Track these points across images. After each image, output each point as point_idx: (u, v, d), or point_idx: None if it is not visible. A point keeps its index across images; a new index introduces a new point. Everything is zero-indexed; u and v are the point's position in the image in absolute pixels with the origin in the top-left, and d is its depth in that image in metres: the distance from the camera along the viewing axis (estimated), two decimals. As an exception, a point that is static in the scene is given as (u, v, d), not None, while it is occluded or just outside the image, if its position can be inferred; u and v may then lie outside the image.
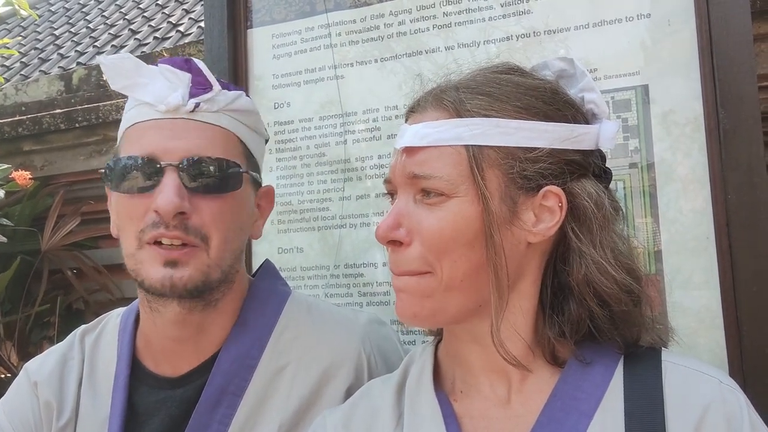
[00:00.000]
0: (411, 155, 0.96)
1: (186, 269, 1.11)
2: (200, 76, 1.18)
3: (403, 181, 0.97)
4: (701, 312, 1.36)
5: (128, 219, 1.13)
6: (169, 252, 1.11)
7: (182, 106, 1.14)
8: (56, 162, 3.73)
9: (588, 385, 0.95)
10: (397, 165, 0.98)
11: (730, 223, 1.34)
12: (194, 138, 1.14)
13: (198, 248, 1.13)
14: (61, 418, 1.23)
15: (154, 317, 1.20)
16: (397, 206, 0.96)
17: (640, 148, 1.43)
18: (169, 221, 1.09)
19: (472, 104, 0.95)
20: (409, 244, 0.94)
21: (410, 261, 0.94)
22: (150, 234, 1.10)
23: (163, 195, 1.08)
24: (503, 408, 0.98)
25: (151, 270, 1.11)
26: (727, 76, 1.35)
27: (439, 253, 0.92)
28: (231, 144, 1.20)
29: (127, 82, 1.17)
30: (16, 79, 6.87)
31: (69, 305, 3.66)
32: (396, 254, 0.96)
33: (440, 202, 0.93)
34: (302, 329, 1.25)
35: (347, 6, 1.74)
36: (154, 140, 1.13)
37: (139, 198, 1.12)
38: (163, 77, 1.17)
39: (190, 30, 6.53)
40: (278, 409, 1.18)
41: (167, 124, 1.14)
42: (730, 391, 0.93)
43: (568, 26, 1.51)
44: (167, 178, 1.10)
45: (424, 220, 0.93)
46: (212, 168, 1.14)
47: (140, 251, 1.12)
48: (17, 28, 8.89)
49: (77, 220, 3.50)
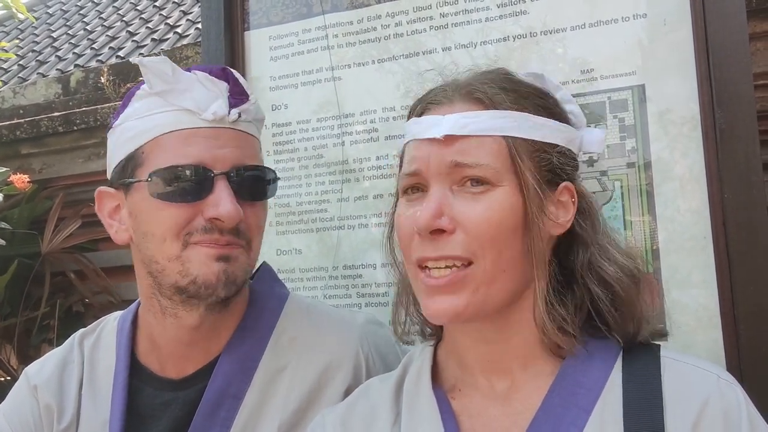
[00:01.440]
0: (449, 145, 0.96)
1: (236, 264, 1.16)
2: (238, 86, 1.21)
3: (440, 170, 0.96)
4: (699, 311, 1.37)
5: (172, 224, 1.14)
6: (222, 248, 1.14)
7: (226, 116, 1.17)
8: (54, 165, 3.73)
9: (587, 380, 0.96)
10: (431, 155, 0.97)
11: (727, 222, 1.34)
12: (238, 147, 1.18)
13: (243, 248, 1.17)
14: (62, 421, 1.24)
15: (167, 323, 1.20)
16: (435, 195, 0.95)
17: (637, 148, 1.43)
18: (226, 228, 1.13)
19: (504, 98, 0.99)
20: (452, 232, 0.94)
21: (454, 247, 0.94)
22: (201, 237, 1.13)
23: (224, 205, 1.12)
24: (502, 405, 0.99)
25: (203, 267, 1.13)
26: (723, 75, 1.36)
27: (485, 241, 0.93)
28: (259, 151, 1.26)
29: (166, 86, 1.17)
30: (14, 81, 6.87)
31: (68, 308, 3.66)
32: (436, 242, 0.94)
33: (485, 191, 0.95)
34: (301, 331, 1.26)
35: (344, 8, 1.75)
36: (202, 149, 1.15)
37: (188, 206, 1.14)
38: (200, 85, 1.18)
39: (188, 32, 6.54)
40: (278, 410, 1.19)
41: (213, 133, 1.16)
42: (728, 386, 0.93)
43: (565, 26, 1.51)
44: (220, 187, 1.13)
45: (470, 209, 0.94)
46: (256, 176, 1.20)
47: (186, 251, 1.14)
48: (15, 30, 8.89)
49: (78, 222, 3.49)
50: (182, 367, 1.24)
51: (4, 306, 3.48)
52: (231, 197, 1.13)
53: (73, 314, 3.69)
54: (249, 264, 1.20)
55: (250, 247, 1.19)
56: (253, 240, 1.19)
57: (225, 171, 1.14)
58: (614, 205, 1.44)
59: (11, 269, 3.24)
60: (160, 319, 1.21)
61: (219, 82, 1.19)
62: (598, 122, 1.46)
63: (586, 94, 1.48)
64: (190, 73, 1.19)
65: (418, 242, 0.96)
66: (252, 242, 1.19)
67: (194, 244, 1.13)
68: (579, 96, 1.48)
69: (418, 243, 0.96)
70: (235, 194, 1.14)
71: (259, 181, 1.21)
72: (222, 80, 1.19)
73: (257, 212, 1.21)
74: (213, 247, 1.13)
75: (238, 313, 1.26)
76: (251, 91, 1.24)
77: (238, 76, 1.22)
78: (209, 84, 1.18)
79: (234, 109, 1.18)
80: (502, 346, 1.00)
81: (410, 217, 0.97)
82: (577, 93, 1.48)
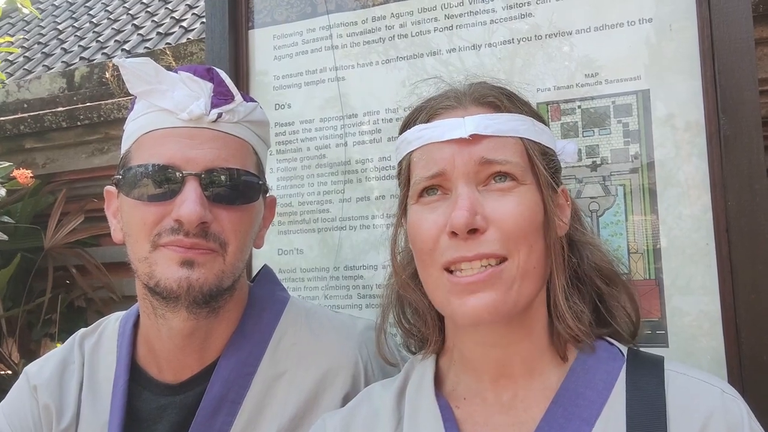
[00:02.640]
0: (476, 144, 0.97)
1: (202, 271, 1.11)
2: (222, 87, 1.18)
3: (467, 169, 0.96)
4: (700, 317, 1.36)
5: (142, 224, 1.13)
6: (186, 252, 1.10)
7: (204, 115, 1.14)
8: (58, 160, 3.73)
9: (590, 392, 0.96)
10: (456, 155, 0.97)
11: (730, 229, 1.33)
12: (215, 148, 1.14)
13: (216, 253, 1.13)
14: (61, 422, 1.24)
15: (159, 324, 1.19)
16: (466, 194, 0.95)
17: (641, 153, 1.43)
18: (190, 229, 1.09)
19: (512, 103, 1.03)
20: (484, 231, 0.94)
21: (490, 245, 0.93)
22: (167, 239, 1.10)
23: (186, 205, 1.08)
24: (506, 414, 0.99)
25: (167, 271, 1.11)
26: (728, 81, 1.35)
27: (518, 237, 0.94)
28: (248, 155, 1.21)
29: (146, 87, 1.16)
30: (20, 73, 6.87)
31: (70, 303, 3.67)
32: (470, 242, 0.93)
33: (513, 187, 0.96)
34: (300, 336, 1.26)
35: (349, 8, 1.74)
36: (174, 149, 1.13)
37: (156, 205, 1.12)
38: (184, 85, 1.16)
39: (194, 26, 6.52)
40: (276, 416, 1.19)
41: (188, 133, 1.14)
42: (732, 401, 0.93)
43: (570, 30, 1.51)
44: (189, 188, 1.10)
45: (502, 205, 0.95)
46: (233, 179, 1.15)
47: (154, 253, 1.12)
48: (21, 22, 8.89)
49: (80, 217, 3.51)
50: (179, 372, 1.23)
51: (6, 300, 3.49)
52: (197, 198, 1.09)
53: (74, 309, 3.71)
54: (224, 271, 1.14)
55: (225, 251, 1.14)
56: (229, 245, 1.14)
57: (196, 172, 1.11)
58: (617, 209, 1.44)
59: (14, 263, 3.25)
60: (153, 321, 1.20)
61: (203, 82, 1.16)
62: (601, 126, 1.46)
63: (590, 98, 1.48)
64: (176, 73, 1.18)
65: (448, 244, 0.94)
66: (228, 246, 1.14)
67: (162, 246, 1.11)
68: (583, 100, 1.48)
69: (447, 245, 0.95)
70: (208, 196, 1.11)
71: (238, 184, 1.15)
72: (206, 80, 1.17)
73: (236, 217, 1.16)
74: (177, 250, 1.10)
75: (234, 317, 1.25)
76: (239, 92, 1.21)
77: (224, 76, 1.19)
78: (192, 84, 1.16)
79: (215, 109, 1.15)
80: (513, 349, 1.00)
81: (436, 221, 0.96)
82: (582, 97, 1.48)
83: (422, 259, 0.99)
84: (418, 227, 0.98)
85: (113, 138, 3.45)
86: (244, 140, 1.20)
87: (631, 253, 1.42)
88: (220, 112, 1.15)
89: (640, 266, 1.40)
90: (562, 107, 1.50)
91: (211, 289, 1.13)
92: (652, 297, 1.39)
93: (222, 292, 1.17)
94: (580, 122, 1.48)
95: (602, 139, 1.46)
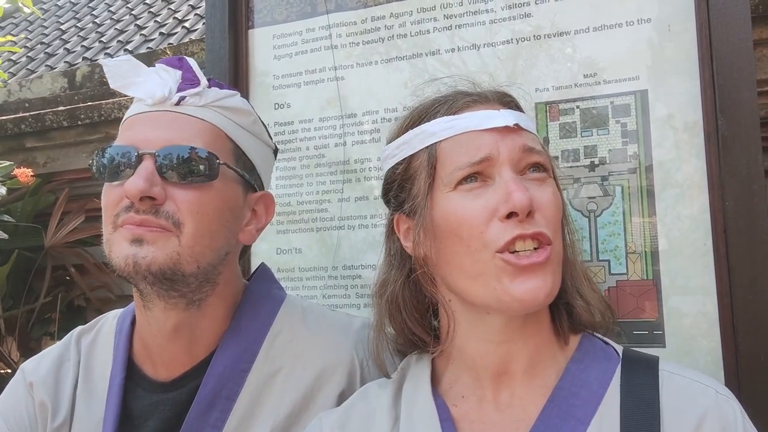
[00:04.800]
0: (518, 133, 1.01)
1: (150, 248, 1.10)
2: (189, 72, 1.21)
3: (512, 155, 0.98)
4: (698, 317, 1.36)
5: (105, 207, 1.15)
6: (135, 229, 1.10)
7: (168, 99, 1.17)
8: (59, 159, 3.73)
9: (585, 392, 0.96)
10: (500, 143, 0.98)
11: (728, 230, 1.33)
12: (176, 129, 1.16)
13: (169, 232, 1.11)
14: (56, 419, 1.24)
15: (148, 316, 1.20)
16: (515, 179, 0.96)
17: (639, 153, 1.43)
18: (138, 205, 1.10)
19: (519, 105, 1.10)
20: (533, 215, 0.95)
21: (542, 227, 0.95)
22: (122, 218, 1.11)
23: (131, 179, 1.09)
24: (502, 412, 0.99)
25: (118, 249, 1.11)
26: (726, 82, 1.35)
27: (556, 224, 0.99)
28: (217, 139, 1.20)
29: (123, 81, 1.20)
30: (23, 73, 6.89)
31: (70, 302, 3.67)
32: (525, 223, 0.94)
33: (546, 178, 1.01)
34: (296, 334, 1.26)
35: (348, 7, 1.74)
36: (137, 131, 1.16)
37: (116, 186, 1.13)
38: (157, 75, 1.20)
39: (196, 26, 6.54)
40: (270, 413, 1.18)
41: (151, 116, 1.17)
42: (726, 401, 0.93)
43: (569, 30, 1.51)
44: (141, 166, 1.11)
45: (542, 193, 0.98)
46: (187, 157, 1.14)
47: (114, 234, 1.13)
48: (24, 22, 8.91)
49: (81, 217, 3.51)
50: (171, 368, 1.23)
51: (7, 299, 3.49)
52: (144, 173, 1.09)
53: (74, 308, 3.70)
54: (179, 253, 1.11)
55: (180, 231, 1.11)
56: (184, 224, 1.12)
57: (151, 151, 1.12)
58: (615, 209, 1.44)
59: (11, 260, 3.25)
60: (143, 314, 1.21)
61: (173, 71, 1.20)
62: (600, 127, 1.46)
63: (589, 98, 1.48)
64: (153, 67, 1.22)
65: (500, 227, 0.94)
66: (183, 226, 1.11)
67: (120, 226, 1.12)
68: (582, 100, 1.48)
69: (501, 228, 0.93)
70: (162, 175, 1.12)
71: (192, 161, 1.13)
72: (176, 68, 1.21)
73: (193, 196, 1.13)
74: (128, 228, 1.10)
75: (223, 314, 1.24)
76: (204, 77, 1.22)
77: (192, 64, 1.22)
78: (163, 73, 1.20)
79: (179, 93, 1.18)
80: (519, 345, 1.00)
81: (485, 206, 0.95)
82: (580, 96, 1.48)
83: (468, 245, 0.96)
84: (463, 213, 0.96)
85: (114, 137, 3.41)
86: (211, 123, 1.20)
87: (629, 253, 1.42)
88: (183, 95, 1.18)
89: (638, 266, 1.40)
90: (561, 107, 1.50)
91: (162, 269, 1.10)
92: (649, 297, 1.39)
93: (191, 280, 1.15)
94: (578, 122, 1.48)
95: (601, 140, 1.46)
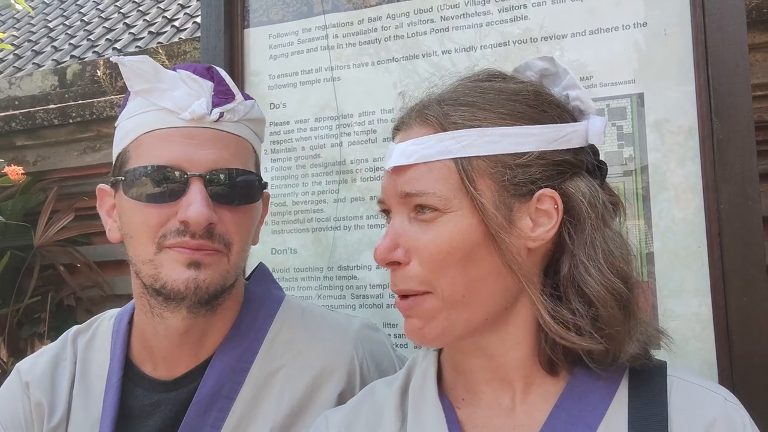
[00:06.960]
0: (401, 174, 0.95)
1: (209, 271, 1.12)
2: (223, 86, 1.18)
3: (396, 200, 0.96)
4: (692, 319, 1.37)
5: (146, 226, 1.12)
6: (193, 253, 1.11)
7: (206, 115, 1.14)
8: (49, 157, 3.71)
9: (593, 397, 0.95)
10: (388, 185, 0.98)
11: (722, 233, 1.34)
12: (219, 149, 1.15)
13: (221, 253, 1.14)
14: (52, 419, 1.23)
15: (156, 323, 1.19)
16: (393, 226, 0.96)
17: (635, 156, 1.44)
18: (197, 231, 1.10)
19: (456, 116, 0.94)
20: (408, 264, 0.93)
21: (408, 280, 0.93)
22: (173, 240, 1.10)
23: (194, 207, 1.09)
24: (507, 417, 0.98)
25: (173, 272, 1.11)
26: (721, 85, 1.36)
27: (437, 270, 0.91)
28: (248, 154, 1.22)
29: (146, 85, 1.15)
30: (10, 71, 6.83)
31: (60, 301, 3.65)
32: (395, 275, 0.95)
33: (435, 218, 0.92)
34: (295, 334, 1.26)
35: (345, 8, 1.74)
36: (177, 149, 1.12)
37: (160, 207, 1.12)
38: (183, 84, 1.16)
39: (186, 25, 6.50)
40: (270, 413, 1.18)
41: (190, 133, 1.14)
42: (734, 410, 0.93)
43: (565, 33, 1.52)
44: (194, 189, 1.10)
45: (420, 237, 0.93)
46: (237, 180, 1.15)
47: (160, 255, 1.12)
48: (11, 20, 8.84)
49: (71, 216, 3.49)
50: (174, 368, 1.23)
51: (-5, 298, 3.47)
52: (203, 200, 1.09)
53: (64, 308, 3.68)
54: (228, 270, 1.16)
55: (230, 251, 1.15)
56: (233, 245, 1.15)
57: (200, 173, 1.11)
58: (610, 212, 1.44)
59: (3, 261, 3.23)
60: (150, 319, 1.20)
61: (203, 81, 1.16)
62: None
63: (584, 101, 1.48)
64: (175, 72, 1.17)
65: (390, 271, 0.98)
66: (232, 247, 1.15)
67: (167, 248, 1.11)
68: (577, 103, 1.48)
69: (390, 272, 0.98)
70: (212, 197, 1.12)
71: (241, 184, 1.16)
72: (206, 79, 1.17)
73: (238, 217, 1.17)
74: (183, 251, 1.10)
75: (230, 315, 1.25)
76: (239, 91, 1.21)
77: (224, 75, 1.19)
78: (192, 83, 1.16)
79: (216, 109, 1.15)
80: (501, 360, 0.98)
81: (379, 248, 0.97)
82: (576, 99, 1.49)
83: None
84: None
85: (105, 136, 3.44)
86: (245, 139, 1.21)
87: (624, 255, 1.42)
88: (221, 111, 1.15)
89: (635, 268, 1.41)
90: (557, 110, 1.50)
91: (216, 289, 1.14)
92: (644, 299, 1.39)
93: (227, 291, 1.19)
94: (574, 125, 1.48)
95: (596, 142, 1.46)
